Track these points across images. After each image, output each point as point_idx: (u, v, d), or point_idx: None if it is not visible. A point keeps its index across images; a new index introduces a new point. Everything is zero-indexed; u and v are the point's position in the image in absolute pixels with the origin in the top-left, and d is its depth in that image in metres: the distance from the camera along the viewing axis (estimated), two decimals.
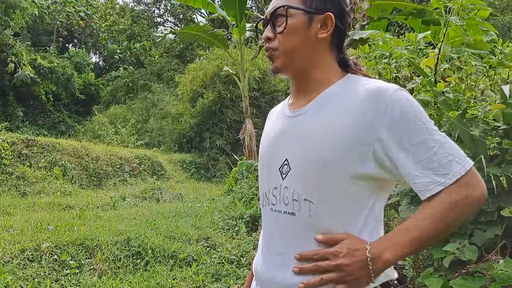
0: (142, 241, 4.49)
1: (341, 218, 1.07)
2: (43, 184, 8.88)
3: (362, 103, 1.05)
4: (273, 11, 1.15)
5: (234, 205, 6.38)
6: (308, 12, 1.12)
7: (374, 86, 1.06)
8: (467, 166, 1.00)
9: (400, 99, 1.02)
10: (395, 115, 1.01)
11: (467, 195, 1.00)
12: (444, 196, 1.00)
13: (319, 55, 1.15)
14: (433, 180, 1.00)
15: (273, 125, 1.27)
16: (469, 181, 1.00)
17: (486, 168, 2.38)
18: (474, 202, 1.01)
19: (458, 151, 1.02)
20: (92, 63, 26.75)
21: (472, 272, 2.42)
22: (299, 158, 1.10)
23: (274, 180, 1.17)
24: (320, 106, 1.12)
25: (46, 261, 3.91)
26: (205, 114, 14.52)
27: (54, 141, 10.56)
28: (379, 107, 1.02)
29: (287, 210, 1.12)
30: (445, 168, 0.99)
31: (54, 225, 5.00)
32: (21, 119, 19.11)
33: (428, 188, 1.01)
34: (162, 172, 12.39)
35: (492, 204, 2.46)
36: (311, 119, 1.12)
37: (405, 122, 1.01)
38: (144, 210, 7.11)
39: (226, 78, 14.24)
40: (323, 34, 1.13)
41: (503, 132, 2.45)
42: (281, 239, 1.14)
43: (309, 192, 1.08)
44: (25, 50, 19.20)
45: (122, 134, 16.28)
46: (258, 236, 4.82)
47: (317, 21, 1.12)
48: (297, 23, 1.12)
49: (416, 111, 1.03)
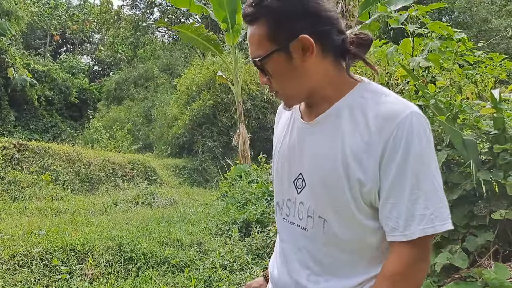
0: (134, 247, 4.45)
1: (353, 242, 1.06)
2: (35, 189, 8.80)
3: (375, 127, 0.99)
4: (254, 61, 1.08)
5: (228, 210, 6.35)
6: (282, 48, 1.03)
7: (389, 109, 1.00)
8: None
9: (409, 128, 0.97)
10: (396, 145, 0.97)
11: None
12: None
13: (318, 75, 1.07)
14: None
15: (285, 131, 1.22)
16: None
17: (476, 173, 2.40)
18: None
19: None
20: (86, 68, 26.68)
21: (464, 277, 2.42)
22: (312, 177, 1.09)
23: (288, 191, 1.17)
24: (330, 123, 1.08)
25: (36, 267, 3.86)
26: (199, 119, 14.51)
27: (46, 146, 10.48)
28: (386, 136, 0.97)
29: (300, 224, 1.13)
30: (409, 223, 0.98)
31: (45, 230, 4.94)
32: (14, 123, 18.98)
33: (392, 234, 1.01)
34: (155, 177, 12.33)
35: (484, 209, 2.47)
36: (322, 136, 1.09)
37: (404, 158, 0.97)
38: (137, 215, 7.06)
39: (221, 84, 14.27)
40: (308, 57, 1.03)
41: (494, 136, 2.47)
42: (294, 249, 1.16)
43: (323, 210, 1.08)
44: (18, 55, 19.13)
45: (117, 139, 16.21)
46: (251, 241, 4.80)
47: (295, 49, 1.02)
48: (278, 65, 1.05)
49: (422, 148, 0.97)
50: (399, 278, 1.00)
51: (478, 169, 2.44)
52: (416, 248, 0.99)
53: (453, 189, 2.59)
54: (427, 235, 0.97)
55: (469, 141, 2.45)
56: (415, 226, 0.97)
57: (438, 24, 2.71)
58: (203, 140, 14.30)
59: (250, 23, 1.06)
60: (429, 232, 0.97)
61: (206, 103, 14.24)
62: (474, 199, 2.61)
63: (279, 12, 1.01)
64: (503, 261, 2.47)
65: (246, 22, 1.08)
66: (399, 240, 0.99)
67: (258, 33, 1.05)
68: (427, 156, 0.98)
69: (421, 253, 1.00)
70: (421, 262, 1.01)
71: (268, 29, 1.02)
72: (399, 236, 0.98)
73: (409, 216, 0.97)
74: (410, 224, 0.97)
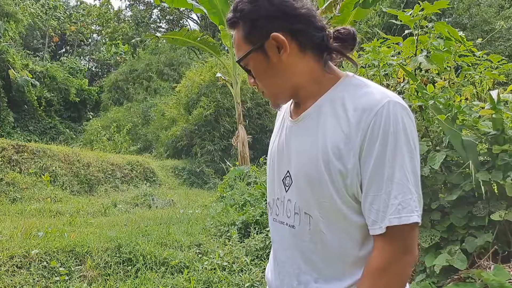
0: (133, 248, 4.44)
1: (339, 237, 1.06)
2: (33, 190, 8.77)
3: (354, 119, 1.01)
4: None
5: (227, 212, 6.34)
6: (258, 48, 1.08)
7: (367, 100, 1.01)
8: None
9: (387, 118, 0.98)
10: (374, 136, 0.98)
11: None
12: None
13: (299, 71, 1.10)
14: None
15: (278, 131, 1.27)
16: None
17: (475, 174, 2.40)
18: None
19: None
20: (85, 69, 26.68)
21: (464, 278, 2.42)
22: (297, 173, 1.11)
23: (277, 191, 1.19)
24: (313, 119, 1.10)
25: (35, 268, 3.85)
26: (200, 122, 14.48)
27: (45, 147, 10.45)
28: (365, 127, 0.99)
29: (288, 222, 1.14)
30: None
31: (44, 231, 4.93)
32: (13, 124, 18.96)
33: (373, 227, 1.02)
34: (154, 178, 12.31)
35: (483, 209, 2.47)
36: (305, 132, 1.11)
37: (382, 150, 0.98)
38: (136, 216, 7.05)
39: (223, 87, 14.26)
40: (284, 55, 1.07)
41: (493, 137, 2.47)
42: (284, 249, 1.17)
43: (308, 206, 1.09)
44: (18, 56, 19.13)
45: (115, 140, 16.18)
46: (250, 243, 4.80)
47: (270, 48, 1.07)
48: (257, 64, 1.11)
49: (398, 138, 0.98)
50: (383, 273, 0.99)
51: (477, 170, 2.44)
52: (395, 241, 0.98)
53: (452, 190, 2.59)
54: (400, 226, 0.97)
55: (468, 142, 2.45)
56: (387, 217, 0.97)
57: (444, 25, 2.70)
58: (203, 143, 14.27)
59: (231, 28, 1.13)
60: (394, 222, 0.96)
61: (208, 111, 14.19)
62: (473, 200, 2.61)
63: (251, 15, 1.08)
64: (502, 262, 2.47)
65: (228, 28, 1.15)
66: (377, 233, 1.00)
67: (237, 37, 1.12)
68: (402, 147, 0.98)
69: (401, 246, 0.99)
70: (403, 254, 0.99)
71: (244, 31, 1.09)
72: (378, 229, 0.99)
73: (384, 207, 0.98)
74: (384, 216, 0.98)
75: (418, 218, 0.98)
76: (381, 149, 0.97)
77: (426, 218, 2.62)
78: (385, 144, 0.97)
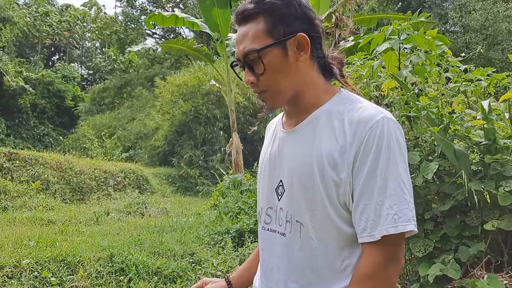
0: (125, 257, 4.40)
1: (328, 246, 1.07)
2: (25, 198, 8.69)
3: (349, 131, 1.04)
4: (245, 55, 1.10)
5: (220, 220, 6.32)
6: (280, 43, 1.08)
7: (362, 114, 1.04)
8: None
9: (381, 131, 1.01)
10: (368, 147, 1.01)
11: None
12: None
13: (306, 77, 1.12)
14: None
15: (269, 142, 1.27)
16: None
17: (468, 184, 2.41)
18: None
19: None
20: (78, 76, 26.59)
21: (457, 287, 2.43)
22: (290, 181, 1.12)
23: (270, 200, 1.19)
24: (309, 129, 1.12)
25: (26, 278, 3.80)
26: (183, 127, 14.52)
27: (37, 155, 10.37)
28: (360, 138, 1.02)
29: (279, 230, 1.15)
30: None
31: (35, 240, 4.87)
32: (6, 132, 18.81)
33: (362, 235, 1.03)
34: (147, 186, 12.26)
35: (476, 219, 2.48)
36: (300, 142, 1.13)
37: (375, 161, 1.00)
38: (128, 225, 6.99)
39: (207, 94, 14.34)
40: (302, 56, 1.10)
41: (485, 147, 2.48)
42: (272, 257, 1.17)
43: (300, 214, 1.10)
44: (12, 63, 19.04)
45: (106, 147, 16.10)
46: (244, 252, 4.77)
47: (291, 46, 1.08)
48: (274, 59, 1.08)
49: (392, 151, 1.01)
50: (370, 279, 1.01)
51: (469, 180, 2.46)
52: (385, 249, 1.01)
53: (445, 199, 2.60)
54: (393, 235, 0.99)
55: (460, 151, 2.46)
56: (380, 226, 0.99)
57: (423, 38, 2.73)
58: (184, 151, 14.30)
59: (247, 19, 1.10)
60: (391, 232, 0.98)
61: (190, 113, 14.24)
62: (466, 209, 2.62)
63: (280, 10, 1.07)
64: (495, 271, 2.48)
65: (240, 20, 1.12)
66: (367, 241, 1.02)
67: (255, 29, 1.08)
68: (396, 159, 1.01)
69: (390, 254, 1.01)
70: (391, 263, 1.02)
71: (267, 24, 1.08)
72: (367, 237, 1.01)
73: (376, 217, 1.00)
74: (376, 225, 1.00)
75: (414, 227, 1.01)
76: (374, 161, 1.00)
77: (419, 228, 2.63)
78: (378, 156, 1.00)
